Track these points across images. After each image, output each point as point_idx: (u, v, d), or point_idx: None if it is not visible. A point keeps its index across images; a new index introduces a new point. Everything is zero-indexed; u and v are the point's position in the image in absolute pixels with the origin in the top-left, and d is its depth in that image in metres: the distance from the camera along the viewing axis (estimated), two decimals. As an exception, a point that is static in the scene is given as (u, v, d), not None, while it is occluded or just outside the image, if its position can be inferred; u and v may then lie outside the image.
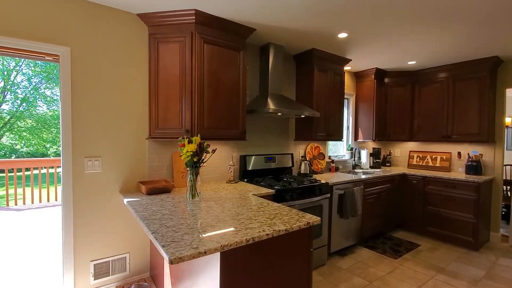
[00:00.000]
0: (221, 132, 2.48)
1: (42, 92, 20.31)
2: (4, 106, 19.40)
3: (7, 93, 18.77)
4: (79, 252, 2.14)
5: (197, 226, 1.44)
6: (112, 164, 2.26)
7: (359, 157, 4.20)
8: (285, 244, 1.51)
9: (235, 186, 2.61)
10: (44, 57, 1.97)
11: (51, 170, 5.36)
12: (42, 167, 5.40)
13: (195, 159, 1.96)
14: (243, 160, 2.96)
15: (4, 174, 5.01)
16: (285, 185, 2.62)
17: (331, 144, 4.12)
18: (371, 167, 4.32)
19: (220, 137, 2.46)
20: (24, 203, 5.21)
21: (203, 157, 2.01)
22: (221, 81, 2.45)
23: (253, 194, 2.28)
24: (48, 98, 20.24)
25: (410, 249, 3.42)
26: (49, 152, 25.10)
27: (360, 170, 4.09)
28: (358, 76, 4.28)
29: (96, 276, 2.21)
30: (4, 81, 18.53)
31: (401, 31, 2.62)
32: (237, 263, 1.32)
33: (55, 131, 21.67)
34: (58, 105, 22.00)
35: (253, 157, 3.02)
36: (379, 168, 4.32)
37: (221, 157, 2.87)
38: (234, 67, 2.54)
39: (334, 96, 3.48)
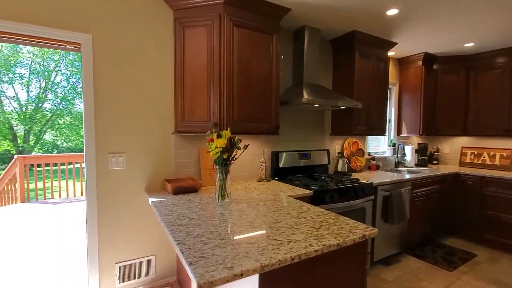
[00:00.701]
0: (252, 126, 2.22)
1: (79, 91, 21.46)
2: (46, 105, 20.76)
3: (48, 92, 20.07)
4: (104, 253, 2.02)
5: (229, 236, 1.21)
6: (137, 160, 2.11)
7: (403, 154, 3.75)
8: (335, 261, 1.23)
9: (267, 186, 2.35)
10: (65, 45, 1.84)
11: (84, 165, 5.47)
12: (75, 162, 5.54)
13: (224, 156, 1.73)
14: (275, 156, 2.70)
15: (43, 168, 5.19)
16: (323, 185, 2.32)
17: (369, 139, 3.72)
18: (416, 165, 3.85)
19: (250, 131, 2.22)
20: (60, 197, 5.39)
21: (234, 154, 1.78)
22: (252, 68, 2.20)
23: (289, 196, 2.01)
24: (84, 97, 21.25)
25: (465, 259, 2.96)
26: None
27: (405, 169, 3.65)
28: (402, 62, 3.81)
29: (121, 279, 2.08)
30: (45, 81, 19.79)
31: (463, 3, 2.18)
32: (278, 286, 1.07)
33: (90, 128, 22.65)
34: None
35: (286, 153, 2.74)
36: (426, 166, 3.84)
37: (251, 153, 2.63)
38: (266, 53, 2.27)
39: (377, 85, 3.08)
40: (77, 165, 5.44)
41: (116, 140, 2.02)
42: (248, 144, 1.91)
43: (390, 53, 3.51)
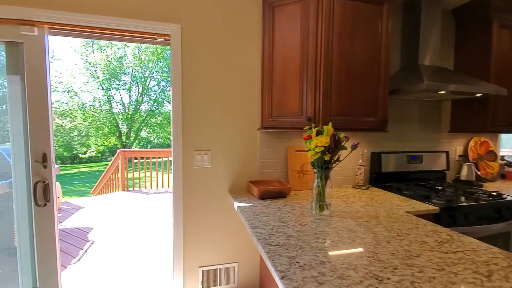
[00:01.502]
0: (353, 121, 1.79)
1: (167, 94, 24.17)
2: (142, 107, 24.04)
3: (144, 96, 23.20)
4: (189, 255, 1.91)
5: (351, 274, 0.84)
6: (221, 159, 1.93)
7: (560, 160, 2.69)
8: None
9: (369, 195, 1.89)
10: (156, 38, 1.77)
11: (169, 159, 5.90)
12: (164, 157, 6.01)
13: (326, 158, 1.36)
14: (376, 158, 2.19)
15: (138, 161, 5.80)
16: (451, 200, 1.72)
17: (503, 139, 2.78)
18: None
19: (351, 127, 1.79)
20: (151, 187, 5.93)
21: (338, 155, 1.40)
22: (355, 50, 1.76)
23: (407, 212, 1.51)
24: (171, 99, 23.92)
25: None
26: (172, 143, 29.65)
27: None
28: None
29: (204, 284, 1.94)
30: (142, 86, 22.90)
31: None
32: None
33: (176, 126, 25.30)
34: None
35: (391, 155, 2.20)
36: None
37: (344, 154, 2.19)
38: (373, 29, 1.79)
39: (527, 64, 2.22)
40: (165, 159, 5.89)
41: (201, 136, 1.88)
42: (358, 143, 1.49)
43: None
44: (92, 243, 3.12)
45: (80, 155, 23.88)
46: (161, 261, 2.74)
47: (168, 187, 5.96)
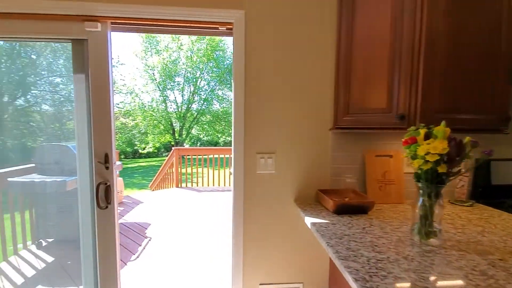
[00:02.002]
0: (461, 120, 1.37)
1: (216, 93, 24.98)
2: (193, 106, 25.23)
3: (195, 95, 24.30)
4: (249, 270, 1.70)
5: None
6: (287, 163, 1.67)
7: None
8: None
9: (479, 215, 1.44)
10: (217, 27, 1.58)
11: (221, 157, 5.87)
12: (215, 155, 6.01)
13: (441, 169, 1.00)
14: (485, 167, 1.70)
15: (191, 158, 5.90)
16: None
17: None
18: None
19: (459, 127, 1.36)
20: (202, 185, 6.00)
21: (459, 167, 1.02)
22: (467, 27, 1.34)
23: (556, 247, 1.06)
24: (220, 98, 24.72)
25: None
26: (220, 141, 30.91)
27: None
28: None
29: (265, 304, 1.72)
30: (193, 86, 24.02)
31: None
32: None
33: (224, 124, 26.22)
34: (230, 99, 26.29)
35: (503, 163, 1.69)
36: None
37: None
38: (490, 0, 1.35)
39: None
40: (215, 156, 5.88)
41: (265, 137, 1.64)
42: (492, 151, 1.08)
43: None
44: (150, 240, 3.15)
45: (140, 151, 26.12)
46: (213, 259, 2.62)
47: (219, 185, 5.95)
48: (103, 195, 1.55)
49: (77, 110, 1.58)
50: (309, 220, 1.35)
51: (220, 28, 1.58)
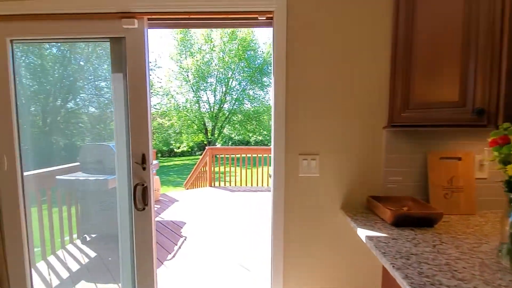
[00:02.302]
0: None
1: (247, 93, 25.14)
2: (225, 105, 25.67)
3: (227, 95, 24.70)
4: (289, 280, 1.55)
5: None
6: (332, 166, 1.49)
7: None
8: None
9: None
10: (256, 17, 1.45)
11: (254, 156, 5.78)
12: (248, 154, 5.94)
13: (551, 178, 0.77)
14: None
15: (224, 158, 5.90)
16: None
17: None
18: None
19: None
20: (235, 184, 5.97)
21: None
22: None
23: None
24: (251, 97, 24.83)
25: None
26: (251, 140, 31.10)
27: None
28: None
29: (307, 319, 1.56)
30: (225, 86, 24.43)
31: None
32: None
33: (255, 123, 26.32)
34: (261, 99, 26.16)
35: None
36: None
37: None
38: None
39: None
40: (249, 156, 5.81)
41: (308, 137, 1.47)
42: None
43: None
44: (185, 239, 3.15)
45: (175, 150, 27.25)
46: (245, 260, 2.53)
47: (251, 185, 5.88)
48: (140, 197, 1.51)
49: (116, 110, 1.56)
50: (363, 233, 1.16)
51: (259, 18, 1.45)
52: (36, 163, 2.31)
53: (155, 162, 3.72)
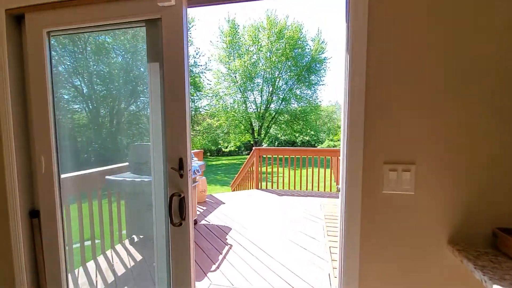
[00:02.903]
0: None
1: (294, 92, 24.54)
2: (271, 105, 25.45)
3: (273, 95, 24.42)
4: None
5: None
6: (436, 179, 1.02)
7: None
8: None
9: None
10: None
11: (303, 157, 5.33)
12: (297, 155, 5.53)
13: None
14: None
15: (272, 159, 5.57)
16: None
17: None
18: None
19: None
20: (283, 188, 5.59)
21: None
22: None
23: None
24: (297, 96, 24.18)
25: None
26: (297, 140, 30.37)
27: None
28: None
29: None
30: (272, 86, 24.21)
31: None
32: None
33: (302, 123, 25.56)
34: (308, 98, 25.44)
35: None
36: None
37: None
38: None
39: None
40: (297, 157, 5.38)
41: (399, 138, 1.03)
42: None
43: None
44: (230, 247, 2.90)
45: (223, 149, 28.05)
46: (292, 275, 2.14)
47: (300, 188, 5.44)
48: (177, 209, 1.25)
49: (152, 104, 1.33)
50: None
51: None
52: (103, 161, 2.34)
53: (200, 163, 3.56)
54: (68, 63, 2.27)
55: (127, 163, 3.19)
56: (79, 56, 2.46)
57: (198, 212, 4.03)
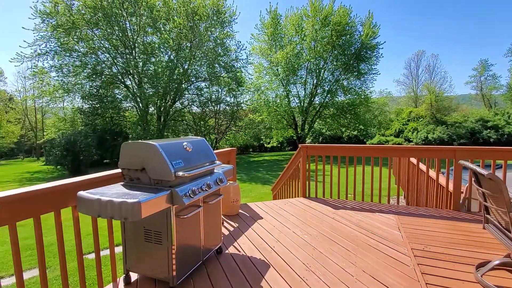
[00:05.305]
0: None
1: (341, 83, 22.16)
2: (316, 99, 23.43)
3: (318, 88, 22.41)
4: None
5: None
6: None
7: None
8: None
9: None
10: None
11: (366, 157, 3.93)
12: (358, 155, 4.12)
13: None
14: None
15: (323, 161, 4.26)
16: None
17: None
18: None
19: None
20: (338, 197, 4.23)
21: None
22: None
23: None
24: (345, 88, 21.74)
25: None
26: (343, 135, 27.67)
27: None
28: None
29: None
30: (316, 78, 22.18)
31: None
32: None
33: (349, 117, 23.08)
34: (356, 89, 22.94)
35: None
36: None
37: None
38: None
39: None
40: (350, 157, 3.98)
41: None
42: None
43: None
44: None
45: (265, 145, 27.01)
46: None
47: (362, 199, 4.04)
48: None
49: None
50: None
51: None
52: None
53: (227, 167, 2.47)
54: None
55: (119, 170, 2.23)
56: None
57: (226, 232, 2.97)
